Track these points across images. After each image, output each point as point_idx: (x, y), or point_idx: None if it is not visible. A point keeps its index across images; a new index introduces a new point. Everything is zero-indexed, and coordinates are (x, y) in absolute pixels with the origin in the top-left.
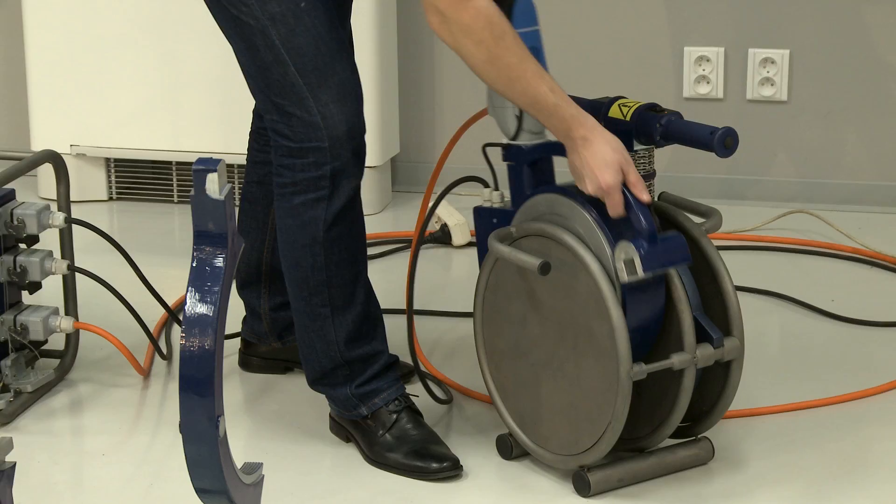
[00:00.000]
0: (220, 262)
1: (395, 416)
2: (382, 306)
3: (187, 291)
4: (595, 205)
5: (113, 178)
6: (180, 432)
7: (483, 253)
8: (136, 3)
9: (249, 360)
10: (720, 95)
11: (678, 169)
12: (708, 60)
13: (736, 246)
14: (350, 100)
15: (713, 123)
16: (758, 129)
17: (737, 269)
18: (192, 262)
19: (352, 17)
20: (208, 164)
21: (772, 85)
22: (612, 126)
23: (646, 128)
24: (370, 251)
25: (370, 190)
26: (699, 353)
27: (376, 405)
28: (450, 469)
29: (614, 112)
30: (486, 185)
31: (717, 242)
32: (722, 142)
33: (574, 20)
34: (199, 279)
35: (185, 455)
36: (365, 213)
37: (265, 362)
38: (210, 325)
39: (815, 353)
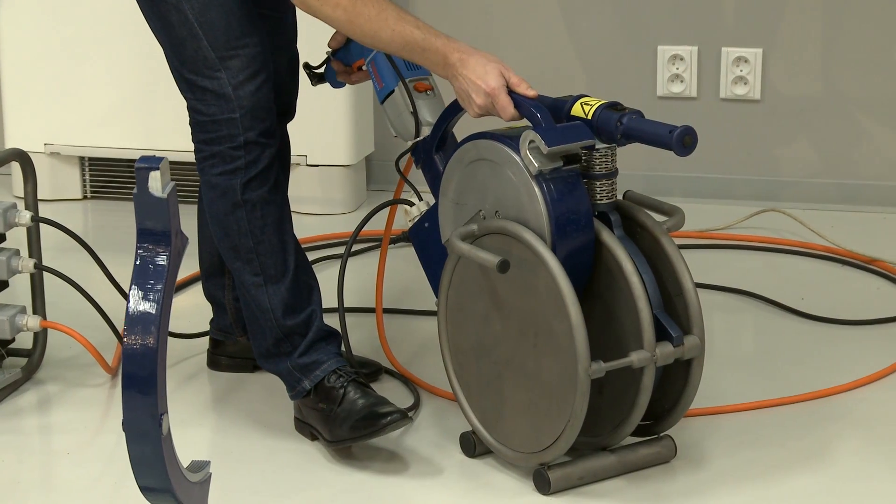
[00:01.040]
0: (162, 260)
1: (342, 391)
2: (353, 305)
3: (129, 289)
4: (505, 134)
5: (87, 177)
6: (123, 430)
7: (430, 274)
8: (111, 2)
9: (218, 360)
10: (694, 94)
11: (651, 167)
12: (681, 59)
13: (708, 244)
14: (260, 73)
15: (687, 122)
16: (731, 127)
17: (708, 267)
18: (135, 260)
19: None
20: (151, 162)
21: (745, 84)
22: (573, 120)
23: (606, 126)
24: (340, 251)
25: (344, 188)
26: (659, 352)
27: (317, 377)
28: (399, 418)
29: (576, 110)
30: (411, 203)
31: (689, 241)
32: (681, 140)
33: (548, 19)
34: (142, 277)
35: (129, 453)
36: (339, 211)
37: (233, 361)
38: (153, 323)
39: (782, 352)
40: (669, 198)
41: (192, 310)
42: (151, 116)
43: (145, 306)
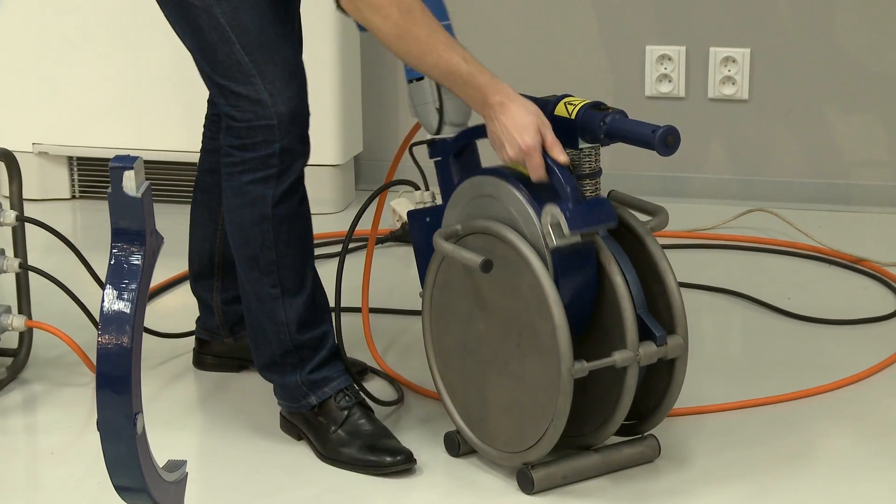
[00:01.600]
0: (137, 259)
1: (346, 412)
2: (342, 304)
3: (104, 289)
4: (521, 179)
5: (76, 177)
6: (98, 430)
7: (420, 256)
8: (100, 1)
9: (203, 359)
10: (682, 94)
11: (637, 167)
12: (669, 59)
13: (696, 244)
14: (296, 77)
15: (675, 121)
16: (719, 127)
17: (696, 267)
18: (110, 259)
19: (314, 14)
20: (125, 162)
21: (733, 84)
22: (558, 124)
23: (590, 126)
24: (329, 250)
25: (333, 188)
26: (642, 351)
27: (325, 394)
28: (403, 462)
29: (560, 110)
30: (417, 188)
31: (677, 241)
32: (663, 140)
33: (536, 19)
34: (116, 277)
35: (104, 453)
36: (328, 211)
37: (219, 360)
38: (127, 322)
39: (768, 351)
40: (657, 197)
41: (178, 310)
42: (140, 116)
43: (120, 306)
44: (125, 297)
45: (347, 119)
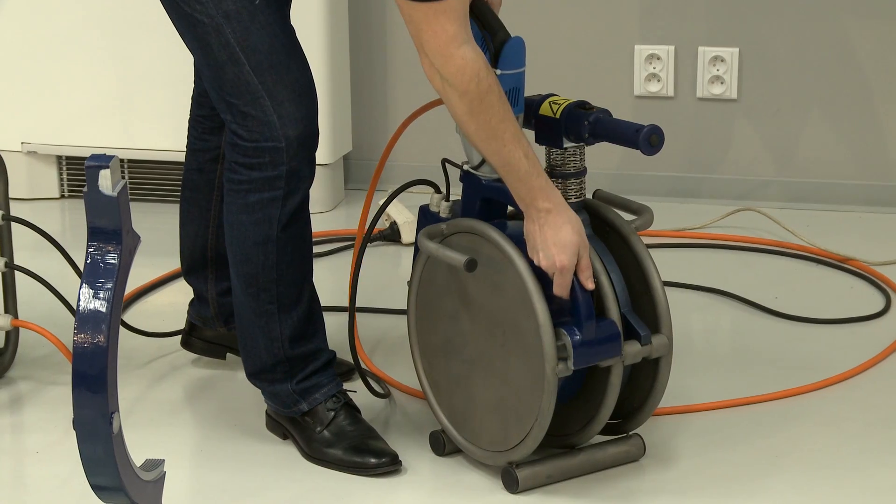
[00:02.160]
0: (113, 258)
1: (332, 412)
2: (329, 303)
3: (80, 287)
4: (538, 274)
5: (65, 176)
6: (74, 429)
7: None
8: (88, 1)
9: (192, 342)
10: (671, 93)
11: (628, 167)
12: (658, 59)
13: (684, 244)
14: (305, 99)
15: (664, 121)
16: (708, 126)
17: (684, 266)
18: (86, 258)
19: (303, 13)
20: (101, 161)
21: (721, 83)
22: (543, 123)
23: (574, 125)
24: (319, 249)
25: (322, 187)
26: (626, 351)
27: (316, 400)
28: (389, 464)
29: (544, 109)
30: (438, 191)
31: (665, 240)
32: (647, 139)
33: (525, 19)
34: (93, 275)
35: (80, 452)
36: (317, 210)
37: (207, 345)
38: (103, 321)
39: (754, 351)
40: (646, 196)
41: (166, 309)
42: (129, 115)
43: (95, 304)
44: (101, 296)
45: (337, 118)
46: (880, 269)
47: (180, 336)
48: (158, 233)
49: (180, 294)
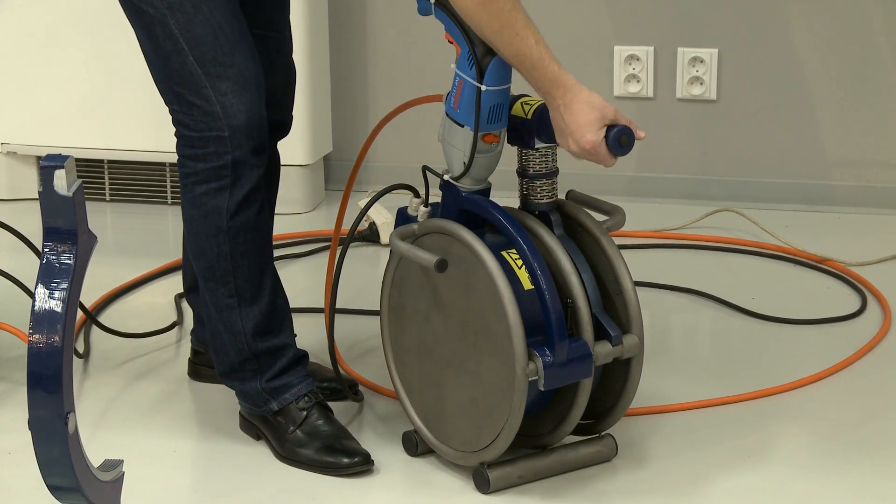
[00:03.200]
0: (68, 258)
1: (305, 412)
2: (307, 304)
3: (35, 288)
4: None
5: None
6: (29, 430)
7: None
8: (68, 1)
9: (199, 370)
10: (650, 94)
11: (605, 168)
12: (638, 59)
13: (663, 244)
14: (249, 90)
15: (644, 122)
16: (687, 127)
17: (662, 267)
18: (41, 258)
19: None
20: (56, 161)
21: (701, 84)
22: (514, 124)
23: (546, 126)
24: (298, 249)
25: (302, 188)
26: (597, 351)
27: (286, 400)
28: (361, 464)
29: (516, 110)
30: (417, 196)
31: (644, 241)
32: (617, 140)
33: None
34: (48, 276)
35: (35, 453)
36: (297, 211)
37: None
38: (58, 321)
39: (730, 351)
40: (624, 197)
41: (142, 309)
42: (109, 116)
43: (51, 305)
44: (56, 296)
45: (317, 119)
46: (857, 270)
47: (187, 366)
48: (137, 233)
49: (158, 295)
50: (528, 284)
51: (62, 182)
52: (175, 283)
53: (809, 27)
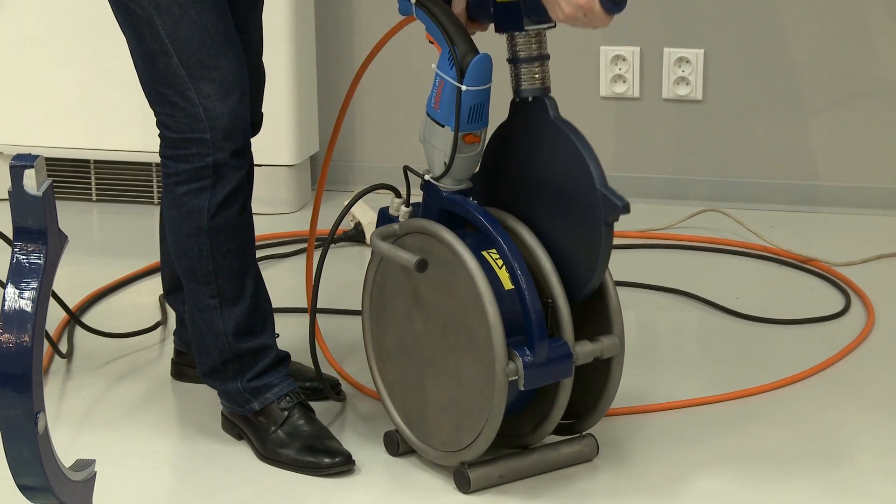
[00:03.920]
0: (38, 258)
1: (286, 412)
2: (291, 304)
3: (5, 287)
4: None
5: None
6: None
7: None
8: (57, 2)
9: (182, 370)
10: (636, 94)
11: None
12: (624, 60)
13: (649, 244)
14: (233, 94)
15: (630, 122)
16: (673, 127)
17: (648, 267)
18: (11, 258)
19: (269, 14)
20: (26, 160)
21: (687, 84)
22: (502, 9)
23: (535, 4)
24: (283, 249)
25: (288, 188)
26: (578, 351)
27: (268, 400)
28: (342, 464)
29: None
30: (399, 196)
31: (630, 241)
32: None
33: None
34: (18, 275)
35: (5, 453)
36: (284, 211)
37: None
38: (28, 321)
39: (714, 351)
40: None
41: (125, 310)
42: (97, 116)
43: (20, 304)
44: (26, 296)
45: (303, 119)
46: (841, 270)
47: (170, 367)
48: (123, 233)
49: (143, 295)
50: (508, 284)
51: (32, 182)
52: (160, 283)
53: (795, 28)
